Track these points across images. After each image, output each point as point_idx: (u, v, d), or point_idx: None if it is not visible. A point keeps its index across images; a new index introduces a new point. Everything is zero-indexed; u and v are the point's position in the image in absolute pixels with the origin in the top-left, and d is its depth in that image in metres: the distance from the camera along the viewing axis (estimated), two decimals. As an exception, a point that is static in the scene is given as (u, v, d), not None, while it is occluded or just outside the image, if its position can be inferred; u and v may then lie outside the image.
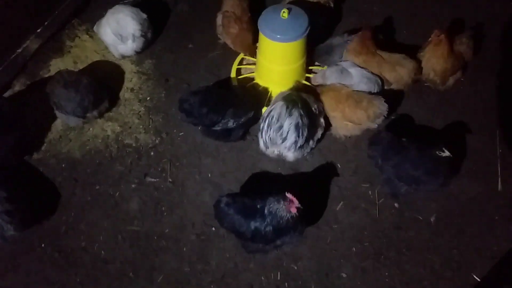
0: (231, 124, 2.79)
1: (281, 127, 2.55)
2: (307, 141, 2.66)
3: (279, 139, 2.57)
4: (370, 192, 2.80)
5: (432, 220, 2.71)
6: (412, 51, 3.14)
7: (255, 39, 3.08)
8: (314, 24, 2.99)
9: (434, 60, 2.98)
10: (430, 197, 2.76)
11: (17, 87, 3.18)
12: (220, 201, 2.39)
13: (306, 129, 2.58)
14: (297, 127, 2.54)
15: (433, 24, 3.35)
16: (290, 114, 2.52)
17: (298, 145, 2.60)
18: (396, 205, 2.76)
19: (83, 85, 2.85)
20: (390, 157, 2.65)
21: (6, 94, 3.14)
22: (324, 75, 2.97)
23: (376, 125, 2.80)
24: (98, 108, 2.98)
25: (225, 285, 2.51)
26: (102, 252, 2.58)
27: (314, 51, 3.18)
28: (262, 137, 2.65)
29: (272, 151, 2.69)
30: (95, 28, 3.31)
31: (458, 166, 2.85)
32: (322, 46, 3.19)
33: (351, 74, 2.91)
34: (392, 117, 3.09)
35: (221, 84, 3.23)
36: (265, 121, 2.61)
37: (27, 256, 2.56)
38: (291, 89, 2.88)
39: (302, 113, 2.56)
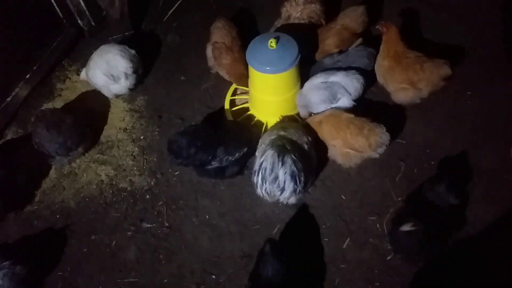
0: (224, 162, 2.67)
1: (276, 178, 2.35)
2: (306, 183, 2.48)
3: (277, 191, 2.39)
4: (378, 225, 2.63)
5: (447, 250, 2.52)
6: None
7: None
8: (308, 45, 2.83)
9: None
10: (444, 226, 2.57)
11: (9, 136, 3.13)
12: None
13: (303, 174, 2.40)
14: (293, 175, 2.35)
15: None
16: (283, 163, 2.32)
17: (298, 191, 2.43)
18: (406, 237, 2.58)
19: (66, 125, 2.80)
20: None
21: (-1, 144, 3.09)
22: (303, 96, 2.80)
23: (378, 155, 2.63)
24: (82, 145, 2.93)
25: (228, 337, 2.38)
26: (100, 308, 2.49)
27: (309, 72, 3.02)
28: (257, 190, 2.45)
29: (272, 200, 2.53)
30: (82, 74, 3.24)
31: (471, 191, 2.67)
32: (314, 67, 3.02)
33: (337, 82, 2.77)
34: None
35: (214, 118, 3.11)
36: (257, 175, 2.40)
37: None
38: (277, 124, 2.74)
39: (295, 158, 2.37)
